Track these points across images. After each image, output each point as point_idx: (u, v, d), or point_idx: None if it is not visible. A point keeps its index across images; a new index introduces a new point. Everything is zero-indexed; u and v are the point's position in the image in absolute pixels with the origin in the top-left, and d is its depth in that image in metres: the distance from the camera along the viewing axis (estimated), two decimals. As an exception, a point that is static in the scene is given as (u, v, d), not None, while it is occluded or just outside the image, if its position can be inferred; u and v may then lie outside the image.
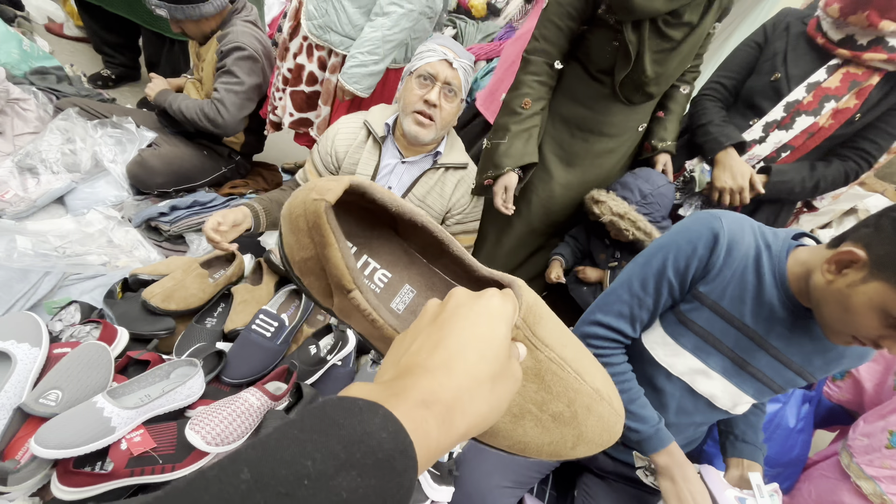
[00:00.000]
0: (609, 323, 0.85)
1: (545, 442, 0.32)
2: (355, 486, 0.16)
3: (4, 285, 0.91)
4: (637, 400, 0.84)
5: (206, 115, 1.37)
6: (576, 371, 0.32)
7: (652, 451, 0.83)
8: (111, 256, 1.17)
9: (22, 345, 0.75)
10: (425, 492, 0.91)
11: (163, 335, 0.96)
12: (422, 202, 1.22)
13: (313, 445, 0.17)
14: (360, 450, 0.17)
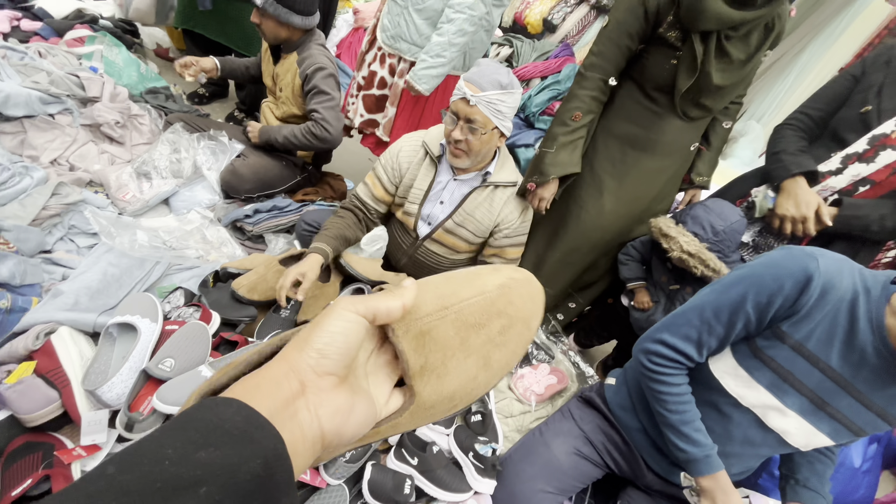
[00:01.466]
0: (674, 344, 0.87)
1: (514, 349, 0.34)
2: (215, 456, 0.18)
3: (127, 271, 1.09)
4: (691, 423, 0.86)
5: (315, 135, 1.55)
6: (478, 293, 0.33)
7: (697, 473, 0.84)
8: (205, 251, 1.35)
9: (144, 320, 0.91)
10: (468, 482, 0.98)
11: (247, 321, 1.10)
12: (470, 216, 1.29)
13: (172, 439, 0.18)
14: (215, 434, 0.19)
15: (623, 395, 1.08)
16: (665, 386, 0.88)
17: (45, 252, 1.12)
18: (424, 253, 1.37)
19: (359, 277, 1.25)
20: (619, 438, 1.06)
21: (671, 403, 0.87)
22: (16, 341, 0.87)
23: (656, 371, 0.89)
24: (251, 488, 0.18)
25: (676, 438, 0.86)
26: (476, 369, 0.32)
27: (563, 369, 1.31)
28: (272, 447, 0.20)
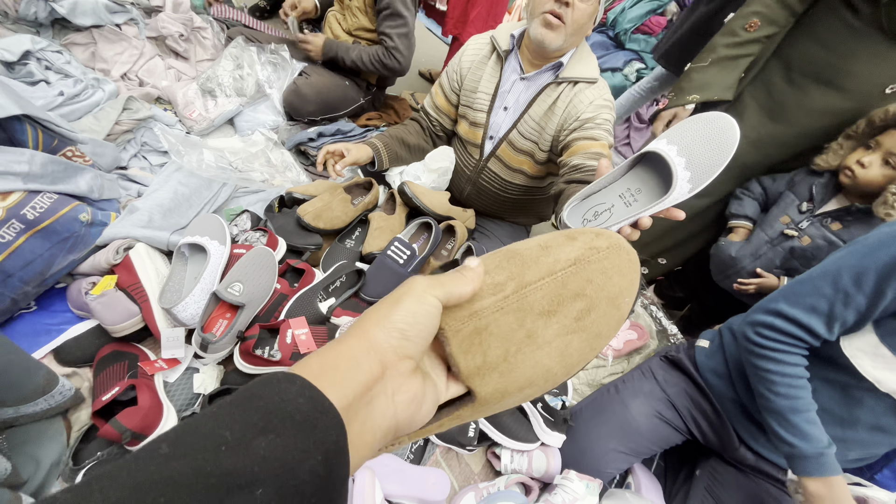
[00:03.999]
0: (795, 316, 0.71)
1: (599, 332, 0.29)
2: (274, 447, 0.17)
3: (196, 191, 1.07)
4: (804, 413, 0.71)
5: (385, 65, 1.43)
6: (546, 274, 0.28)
7: (804, 473, 0.70)
8: (269, 175, 1.31)
9: (213, 242, 0.89)
10: (536, 433, 0.93)
11: (312, 249, 1.06)
12: (537, 123, 1.08)
13: (231, 418, 0.17)
14: (277, 416, 0.18)
15: (718, 360, 0.95)
16: (774, 364, 0.73)
17: (120, 168, 1.13)
18: (488, 177, 1.23)
19: (425, 210, 1.16)
20: (708, 406, 0.94)
21: (780, 385, 0.72)
22: (98, 254, 0.89)
23: (764, 346, 0.74)
24: (308, 490, 0.17)
25: (781, 428, 0.72)
26: (550, 361, 0.28)
27: (644, 325, 1.19)
28: (334, 439, 0.19)
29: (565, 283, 0.28)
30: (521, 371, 0.27)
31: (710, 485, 0.93)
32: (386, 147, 1.20)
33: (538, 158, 1.13)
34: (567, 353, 0.28)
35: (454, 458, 0.95)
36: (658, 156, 0.61)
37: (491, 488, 0.89)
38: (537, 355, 0.27)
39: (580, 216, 0.69)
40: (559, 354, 0.28)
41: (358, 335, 0.23)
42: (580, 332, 0.28)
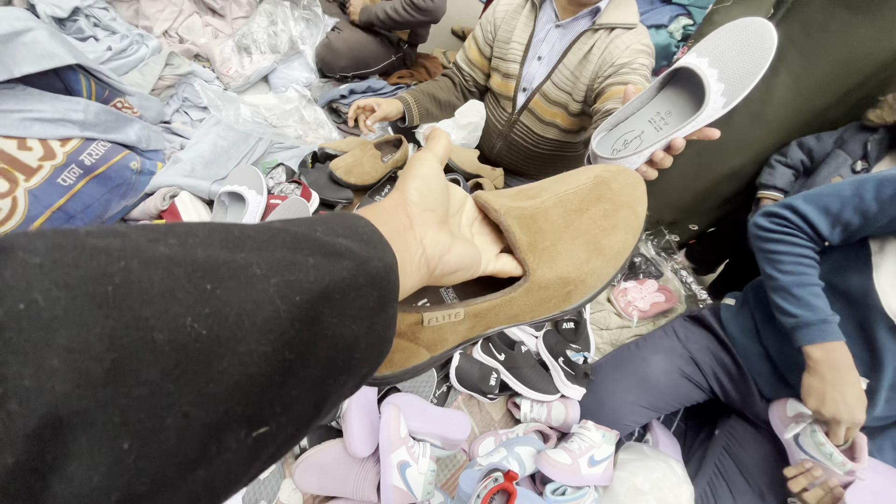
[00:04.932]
0: (805, 212, 0.74)
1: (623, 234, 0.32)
2: (351, 245, 0.21)
3: (234, 144, 1.11)
4: (808, 286, 0.74)
5: (417, 7, 1.39)
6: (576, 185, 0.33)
7: (807, 341, 0.72)
8: (303, 132, 1.34)
9: (251, 191, 0.93)
10: (557, 385, 0.95)
11: (344, 203, 1.10)
12: (572, 73, 1.03)
13: (318, 223, 0.21)
14: (351, 231, 0.22)
15: (745, 317, 0.94)
16: (783, 245, 0.76)
17: (164, 123, 1.18)
18: (521, 132, 1.21)
19: (453, 167, 1.16)
20: (730, 362, 0.94)
21: (787, 263, 0.76)
22: (148, 201, 0.95)
23: (774, 230, 0.77)
24: (375, 281, 0.21)
25: (787, 303, 0.75)
26: (587, 253, 0.31)
27: (672, 288, 1.17)
28: (390, 260, 0.23)
29: (591, 190, 0.33)
30: (564, 258, 0.30)
31: (727, 444, 0.93)
32: (416, 102, 1.20)
33: (572, 110, 1.10)
34: (600, 247, 0.31)
35: (475, 406, 0.99)
36: (689, 71, 0.58)
37: (510, 434, 0.93)
38: (575, 244, 0.30)
39: (610, 146, 0.67)
40: (594, 247, 0.31)
41: (388, 199, 0.28)
42: (609, 231, 0.32)
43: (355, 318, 0.20)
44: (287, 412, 0.17)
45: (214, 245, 0.16)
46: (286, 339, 0.16)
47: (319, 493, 0.77)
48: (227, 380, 0.14)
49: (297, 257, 0.18)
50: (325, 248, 0.20)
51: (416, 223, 0.27)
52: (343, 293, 0.19)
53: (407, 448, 0.76)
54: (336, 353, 0.19)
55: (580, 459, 0.80)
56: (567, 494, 0.80)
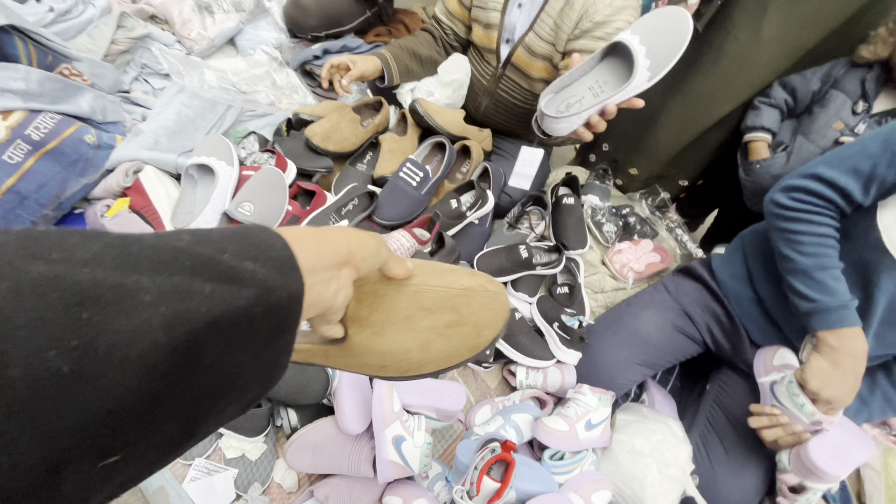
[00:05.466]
0: (832, 178, 0.68)
1: (457, 346, 0.36)
2: (259, 271, 0.21)
3: (200, 113, 1.03)
4: (830, 270, 0.70)
5: None
6: (443, 286, 0.36)
7: (825, 326, 0.70)
8: (276, 97, 1.25)
9: (220, 162, 0.87)
10: (552, 351, 0.94)
11: (323, 172, 1.03)
12: (555, 22, 0.96)
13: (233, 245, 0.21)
14: (263, 253, 0.22)
15: (737, 262, 0.92)
16: (805, 224, 0.71)
17: (123, 92, 1.09)
18: (507, 87, 1.13)
19: (438, 130, 1.09)
20: (721, 311, 0.93)
21: (808, 245, 0.71)
22: (109, 178, 0.88)
23: (797, 209, 0.72)
24: (274, 311, 0.21)
25: (805, 286, 0.71)
26: (412, 345, 0.35)
27: (668, 248, 1.15)
28: (296, 289, 0.23)
29: (453, 298, 0.36)
30: (387, 339, 0.34)
31: (718, 396, 0.93)
32: (396, 59, 1.12)
33: (556, 62, 1.03)
34: (427, 347, 0.35)
35: (471, 375, 0.97)
36: (624, 47, 0.68)
37: (506, 402, 0.92)
38: (406, 335, 0.34)
39: (555, 107, 0.77)
40: (421, 343, 0.34)
41: (342, 234, 0.29)
42: (444, 337, 0.35)
43: (243, 347, 0.20)
44: (147, 439, 0.16)
45: (105, 264, 0.15)
46: (158, 371, 0.15)
47: (314, 472, 0.75)
48: (78, 416, 0.13)
49: (194, 284, 0.17)
50: (228, 275, 0.19)
51: (343, 274, 0.28)
52: (233, 324, 0.19)
53: (401, 422, 0.74)
54: (215, 381, 0.19)
55: (577, 425, 0.79)
56: (565, 459, 0.79)
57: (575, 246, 1.04)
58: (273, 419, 0.78)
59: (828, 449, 0.73)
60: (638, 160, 1.25)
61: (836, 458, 0.72)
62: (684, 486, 0.78)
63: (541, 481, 0.73)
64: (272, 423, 0.77)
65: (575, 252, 1.04)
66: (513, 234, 1.06)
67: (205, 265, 0.18)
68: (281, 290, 0.21)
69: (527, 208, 1.09)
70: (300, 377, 0.74)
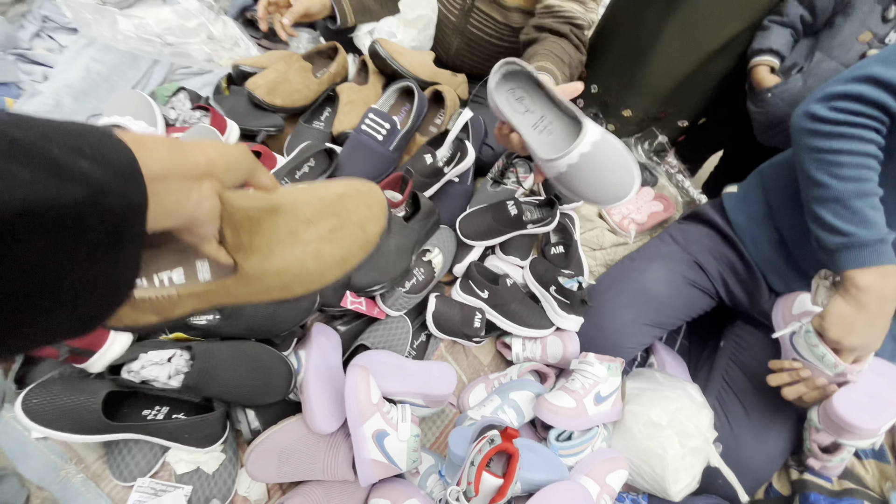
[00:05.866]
0: (891, 80, 0.55)
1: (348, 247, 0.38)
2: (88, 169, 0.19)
3: (116, 69, 0.86)
4: (870, 197, 0.59)
5: None
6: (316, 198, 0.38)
7: (857, 264, 0.59)
8: (213, 53, 1.07)
9: (138, 122, 0.71)
10: (550, 318, 0.83)
11: (272, 132, 0.88)
12: None
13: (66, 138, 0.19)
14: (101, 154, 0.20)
15: (755, 200, 0.81)
16: (848, 141, 0.59)
17: (21, 50, 0.90)
18: (479, 23, 0.98)
19: (404, 74, 0.94)
20: (736, 258, 0.83)
21: (847, 167, 0.59)
22: None
23: (840, 122, 0.59)
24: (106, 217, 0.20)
25: (838, 218, 0.60)
26: (304, 256, 0.36)
27: (669, 195, 1.04)
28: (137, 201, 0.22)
29: (328, 205, 0.37)
30: (279, 257, 0.34)
31: (734, 352, 0.85)
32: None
33: None
34: (320, 255, 0.36)
35: (461, 352, 0.87)
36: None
37: (502, 378, 0.82)
38: (296, 249, 0.35)
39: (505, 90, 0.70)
40: (313, 253, 0.36)
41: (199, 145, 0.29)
42: (333, 243, 0.37)
43: (68, 250, 0.19)
44: None
45: None
46: None
47: (282, 481, 0.64)
48: None
49: (8, 167, 0.16)
50: (53, 167, 0.18)
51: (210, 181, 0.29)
52: (56, 220, 0.18)
53: (382, 414, 0.62)
54: (32, 278, 0.18)
55: (585, 399, 0.69)
56: (574, 439, 0.70)
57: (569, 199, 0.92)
58: (231, 423, 0.66)
59: (857, 400, 0.65)
60: (631, 99, 1.11)
61: (869, 409, 0.64)
62: (707, 457, 0.69)
63: (548, 467, 0.63)
64: (229, 429, 0.65)
65: (570, 206, 0.92)
66: (498, 191, 0.93)
67: (25, 151, 0.17)
68: (117, 196, 0.20)
69: (512, 160, 0.96)
70: (256, 374, 0.62)
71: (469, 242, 0.86)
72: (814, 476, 0.72)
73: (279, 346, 0.69)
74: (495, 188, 0.95)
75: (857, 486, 0.70)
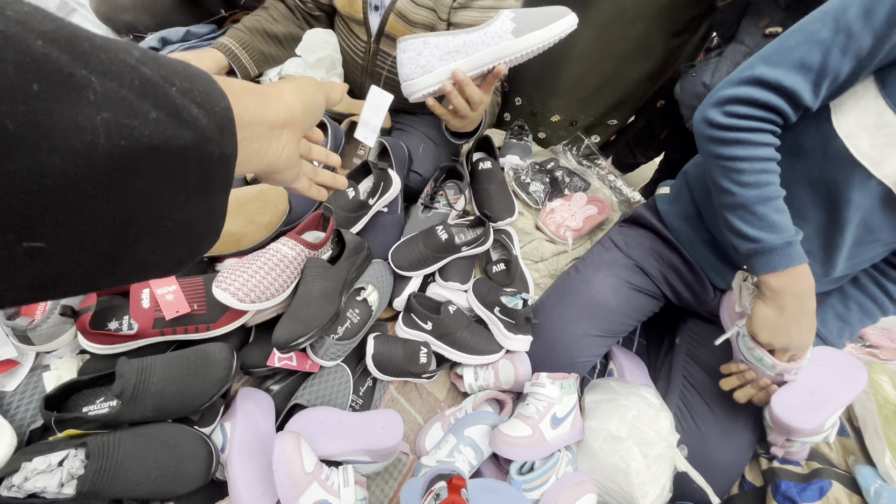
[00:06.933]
0: (778, 80, 0.55)
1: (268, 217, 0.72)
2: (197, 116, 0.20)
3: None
4: (773, 201, 0.59)
5: None
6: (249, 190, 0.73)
7: (769, 269, 0.60)
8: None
9: None
10: (498, 341, 0.79)
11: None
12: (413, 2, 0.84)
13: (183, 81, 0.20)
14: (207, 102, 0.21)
15: (684, 200, 0.82)
16: (745, 147, 0.59)
17: None
18: (386, 63, 0.96)
19: (318, 111, 0.91)
20: (677, 259, 0.83)
21: (749, 174, 0.59)
22: None
23: (735, 127, 0.59)
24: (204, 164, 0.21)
25: (746, 224, 0.60)
26: (245, 224, 0.68)
27: (603, 197, 1.04)
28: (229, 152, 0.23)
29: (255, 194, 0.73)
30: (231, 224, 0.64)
31: (690, 349, 0.84)
32: (244, 46, 0.91)
33: (442, 31, 0.88)
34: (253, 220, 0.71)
35: (413, 391, 0.81)
36: None
37: (458, 413, 0.77)
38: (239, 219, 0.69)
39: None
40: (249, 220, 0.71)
41: (278, 93, 0.32)
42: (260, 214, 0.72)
43: (173, 189, 0.20)
44: (72, 240, 0.17)
45: (60, 45, 0.15)
46: (95, 173, 0.16)
47: (213, 581, 0.56)
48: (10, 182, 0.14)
49: (141, 105, 0.17)
50: (173, 110, 0.19)
51: (287, 132, 0.32)
52: (171, 159, 0.19)
53: (320, 482, 0.56)
54: (144, 211, 0.19)
55: (541, 424, 0.66)
56: (536, 469, 0.65)
57: (502, 215, 0.90)
58: (149, 522, 0.58)
59: (795, 400, 0.63)
60: (556, 104, 1.12)
61: (809, 406, 0.63)
62: (673, 462, 0.66)
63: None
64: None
65: (504, 222, 0.90)
66: (430, 216, 0.90)
67: (154, 91, 0.18)
68: (216, 146, 0.21)
69: (441, 183, 0.93)
70: (167, 462, 0.54)
71: (404, 274, 0.82)
72: (783, 464, 0.70)
73: (199, 422, 0.61)
74: (427, 214, 0.91)
75: (825, 466, 0.69)
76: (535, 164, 1.02)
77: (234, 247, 0.71)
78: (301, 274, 0.69)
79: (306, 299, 0.66)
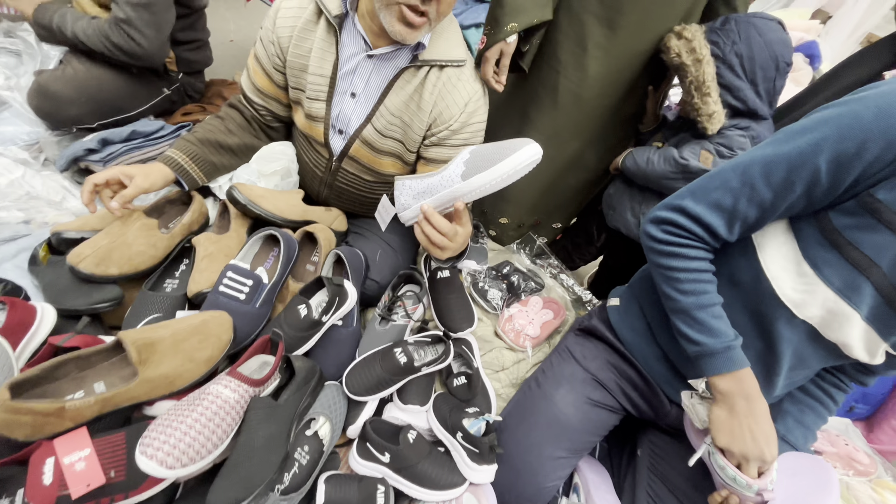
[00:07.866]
0: (697, 214, 0.63)
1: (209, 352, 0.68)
2: None
3: None
4: (709, 308, 0.64)
5: (117, 45, 0.99)
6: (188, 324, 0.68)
7: (713, 371, 0.64)
8: (34, 211, 0.91)
9: None
10: (462, 473, 0.74)
11: (105, 308, 0.73)
12: (399, 119, 0.85)
13: None
14: None
15: (633, 314, 0.85)
16: (679, 260, 0.65)
17: None
18: (346, 180, 0.97)
19: (269, 219, 0.88)
20: (633, 372, 0.84)
21: (685, 282, 0.65)
22: None
23: (669, 242, 0.66)
24: None
25: (689, 328, 0.65)
26: (184, 362, 0.64)
27: (557, 297, 1.06)
28: None
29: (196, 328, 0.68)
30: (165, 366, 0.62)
31: (652, 463, 0.83)
32: (194, 159, 0.88)
33: (408, 160, 0.91)
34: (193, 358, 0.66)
35: (368, 533, 0.73)
36: None
37: (419, 560, 0.69)
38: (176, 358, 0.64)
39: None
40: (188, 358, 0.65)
41: None
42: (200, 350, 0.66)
43: None
44: None
45: None
46: None
47: None
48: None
49: None
50: None
51: None
52: None
53: None
54: None
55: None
56: None
57: (462, 326, 0.88)
58: None
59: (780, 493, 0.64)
60: (505, 208, 1.18)
61: None
62: None
63: None
64: None
65: (464, 332, 0.89)
66: (388, 329, 0.87)
67: None
68: None
69: (399, 293, 0.91)
70: None
71: (360, 399, 0.76)
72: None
73: None
74: (384, 326, 0.88)
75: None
76: (491, 269, 1.03)
77: (167, 389, 0.63)
78: (244, 417, 0.62)
79: (248, 451, 0.59)
